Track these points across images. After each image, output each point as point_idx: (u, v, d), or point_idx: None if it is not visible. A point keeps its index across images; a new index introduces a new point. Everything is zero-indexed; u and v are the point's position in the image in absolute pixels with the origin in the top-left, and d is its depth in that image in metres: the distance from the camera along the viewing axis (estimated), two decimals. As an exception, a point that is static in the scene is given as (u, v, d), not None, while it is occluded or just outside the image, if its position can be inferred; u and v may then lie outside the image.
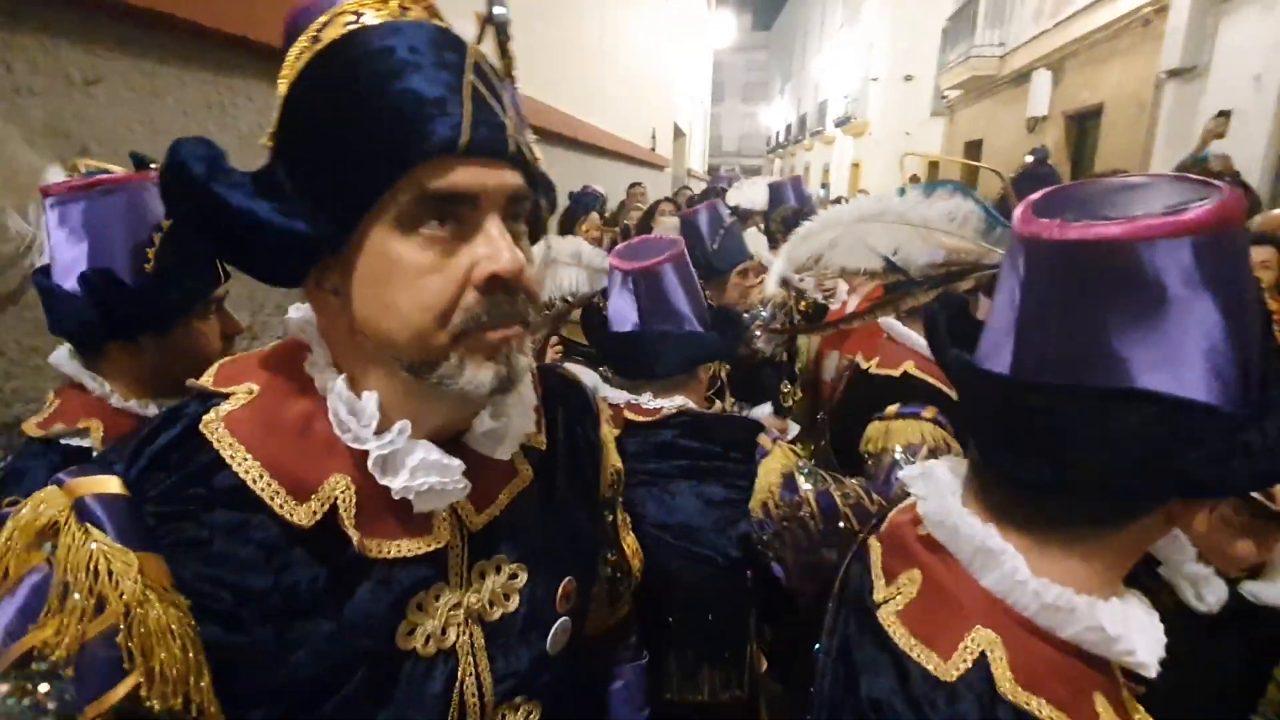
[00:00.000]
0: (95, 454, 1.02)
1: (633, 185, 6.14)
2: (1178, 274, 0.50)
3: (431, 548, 0.64)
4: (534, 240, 0.69)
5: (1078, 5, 8.82)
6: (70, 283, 1.05)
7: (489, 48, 0.64)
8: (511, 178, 0.60)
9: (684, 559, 1.24)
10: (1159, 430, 0.52)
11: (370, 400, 0.61)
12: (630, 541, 1.03)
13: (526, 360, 0.64)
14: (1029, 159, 3.38)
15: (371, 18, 0.58)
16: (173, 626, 0.53)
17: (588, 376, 1.41)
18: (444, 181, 0.56)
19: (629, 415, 1.34)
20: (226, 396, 0.61)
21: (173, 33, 1.73)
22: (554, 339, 2.05)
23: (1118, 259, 0.52)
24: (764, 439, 1.27)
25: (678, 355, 1.36)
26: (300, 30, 0.59)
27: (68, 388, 1.11)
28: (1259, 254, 2.49)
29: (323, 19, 0.59)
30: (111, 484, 0.55)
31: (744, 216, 3.50)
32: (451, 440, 0.67)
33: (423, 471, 0.61)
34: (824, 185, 21.81)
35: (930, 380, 1.56)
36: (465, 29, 0.64)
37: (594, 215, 3.93)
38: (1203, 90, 6.63)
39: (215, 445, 0.58)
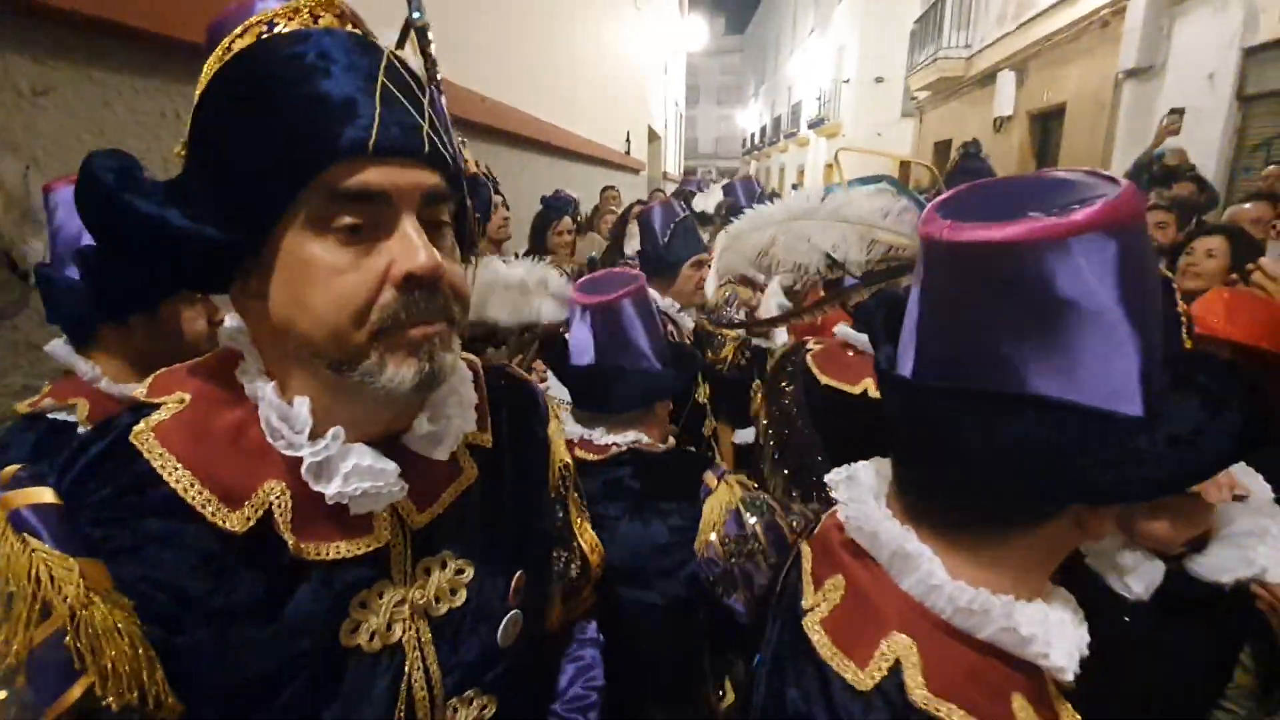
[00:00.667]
0: (78, 430, 1.10)
1: (606, 189, 6.15)
2: (1065, 276, 0.49)
3: (371, 548, 0.65)
4: (465, 239, 0.69)
5: (1039, 7, 9.02)
6: (68, 269, 1.13)
7: (412, 53, 0.65)
8: (426, 177, 0.60)
9: (630, 602, 1.24)
10: (1050, 436, 0.51)
11: (302, 406, 0.62)
12: (589, 537, 1.03)
13: (453, 357, 0.64)
14: (957, 154, 3.41)
15: (281, 27, 0.59)
16: (119, 625, 0.53)
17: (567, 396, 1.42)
18: (354, 180, 0.56)
19: (579, 453, 1.33)
20: (156, 406, 0.62)
21: (123, 41, 1.71)
22: (538, 362, 2.04)
23: (1005, 261, 0.51)
24: (709, 476, 1.27)
25: (633, 391, 1.35)
26: (217, 43, 0.60)
27: (61, 378, 1.19)
28: (1208, 242, 2.55)
29: (237, 30, 0.59)
30: (45, 494, 0.56)
31: (705, 220, 3.53)
32: (391, 440, 0.67)
33: (356, 477, 0.61)
34: (795, 185, 22.02)
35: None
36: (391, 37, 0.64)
37: (566, 219, 3.94)
38: (1159, 89, 6.81)
39: (146, 456, 0.59)
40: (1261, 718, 1.11)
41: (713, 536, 1.20)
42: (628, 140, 10.20)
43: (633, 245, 2.71)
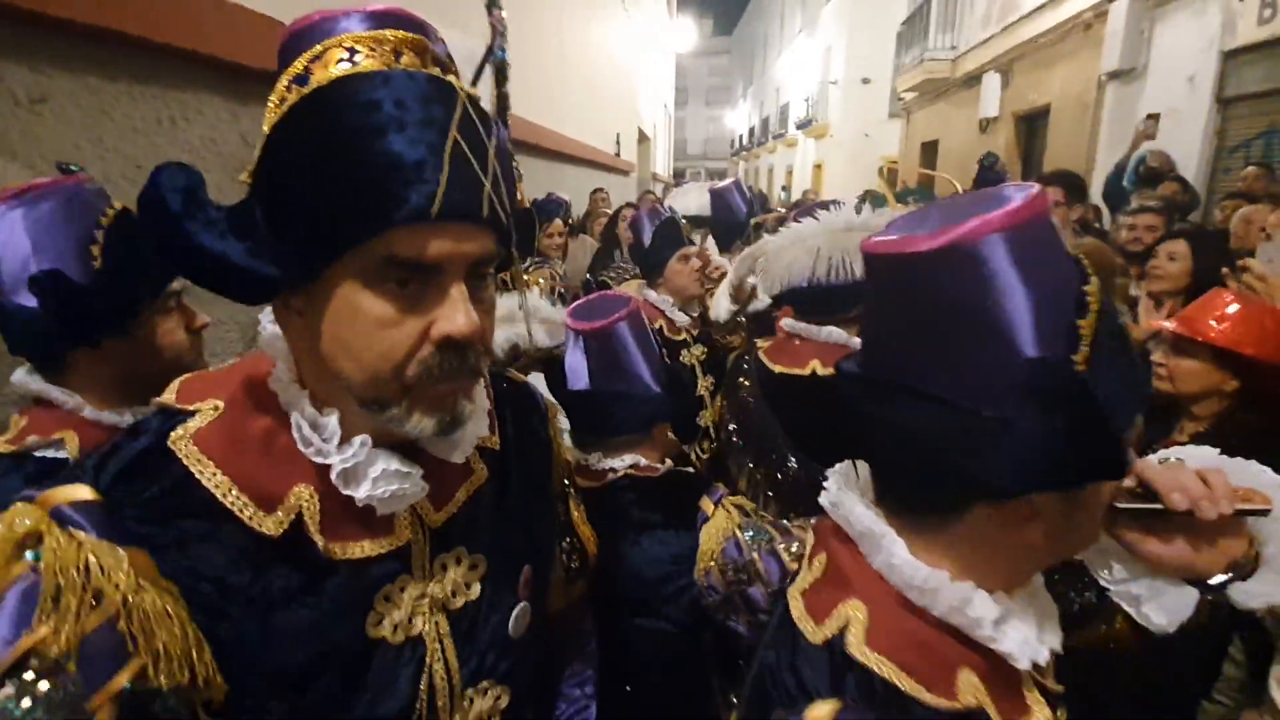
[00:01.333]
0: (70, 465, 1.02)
1: (595, 191, 6.18)
2: (946, 282, 0.56)
3: (394, 546, 0.68)
4: (506, 269, 0.72)
5: (1023, 10, 9.13)
6: (20, 296, 1.02)
7: (485, 85, 0.66)
8: (480, 244, 0.62)
9: (635, 629, 1.25)
10: (933, 428, 0.58)
11: (332, 418, 0.64)
12: (586, 530, 1.06)
13: (473, 406, 0.67)
14: (979, 165, 3.52)
15: (363, 59, 0.58)
16: (168, 608, 0.55)
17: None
18: (412, 250, 0.58)
19: (578, 480, 1.32)
20: (191, 413, 0.64)
21: (120, 49, 1.71)
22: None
23: (903, 271, 0.59)
24: (705, 502, 1.27)
25: (630, 415, 1.36)
26: (292, 56, 0.60)
27: (32, 406, 1.09)
28: (1170, 246, 2.60)
29: (316, 50, 0.59)
30: (83, 491, 0.58)
31: (697, 223, 3.57)
32: (411, 443, 0.70)
33: (384, 481, 0.65)
34: (784, 188, 22.13)
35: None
36: (454, 40, 0.65)
37: (557, 222, 3.96)
38: (1141, 90, 6.92)
39: (184, 461, 0.61)
40: (1248, 708, 1.12)
41: (711, 564, 1.20)
42: (618, 142, 10.23)
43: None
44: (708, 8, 37.73)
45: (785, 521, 1.24)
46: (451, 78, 0.62)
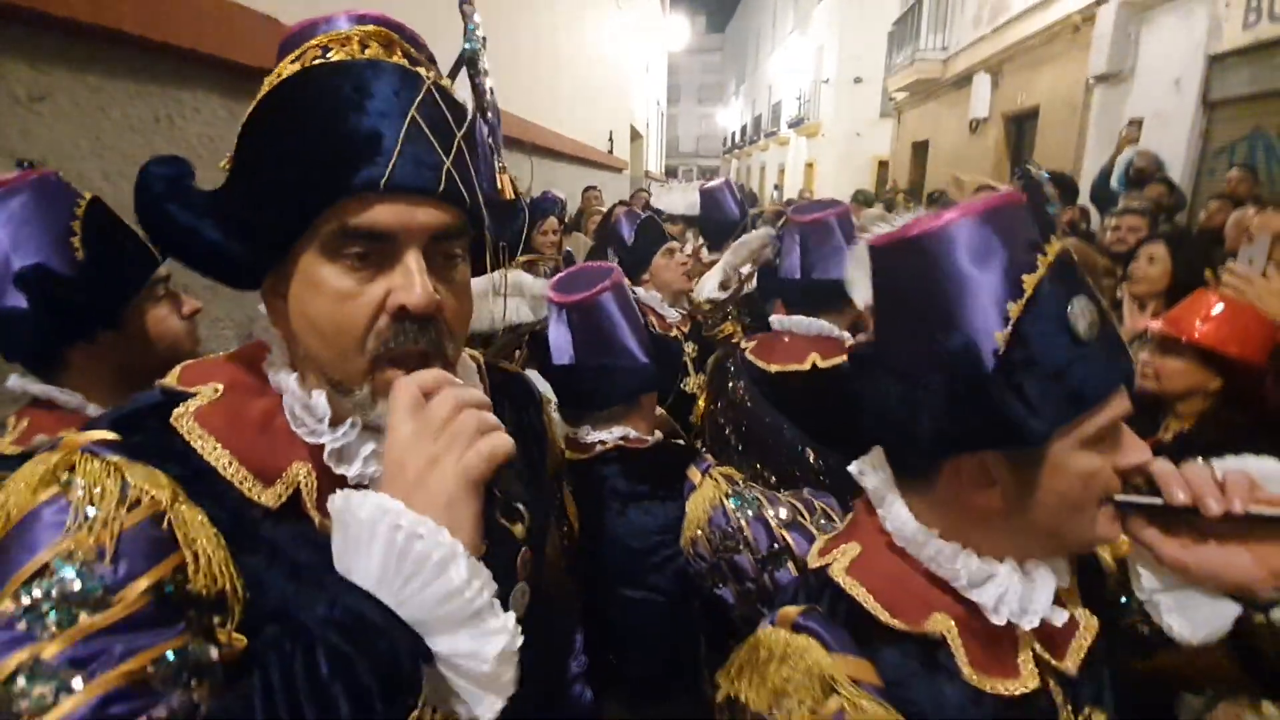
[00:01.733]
0: None
1: (587, 189, 6.18)
2: (910, 269, 0.69)
3: None
4: (480, 270, 0.74)
5: (1013, 11, 9.20)
6: (7, 298, 1.00)
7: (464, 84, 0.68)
8: (437, 216, 0.63)
9: (622, 599, 1.26)
10: (895, 397, 0.69)
11: (320, 398, 0.67)
12: (572, 509, 1.10)
13: None
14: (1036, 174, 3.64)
15: (334, 55, 0.63)
16: (201, 519, 0.58)
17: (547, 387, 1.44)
18: (363, 219, 0.61)
19: (566, 453, 1.33)
20: (192, 394, 0.66)
21: (120, 47, 1.72)
22: (520, 354, 2.09)
23: (883, 257, 0.72)
24: (693, 471, 1.28)
25: (617, 387, 1.34)
26: (282, 59, 0.65)
27: (30, 408, 1.08)
28: (1150, 249, 2.62)
29: (293, 55, 0.64)
30: (105, 434, 0.60)
31: (685, 223, 3.60)
32: None
33: (375, 460, 0.67)
34: (776, 186, 22.18)
35: (836, 362, 1.62)
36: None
37: (551, 219, 3.97)
38: (1128, 93, 6.99)
39: (186, 436, 0.63)
40: (1225, 700, 1.16)
41: (698, 533, 1.21)
42: (610, 139, 10.23)
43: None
44: (700, 5, 37.74)
45: (777, 493, 1.25)
46: (420, 69, 0.65)
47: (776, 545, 1.16)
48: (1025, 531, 0.70)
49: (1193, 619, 0.74)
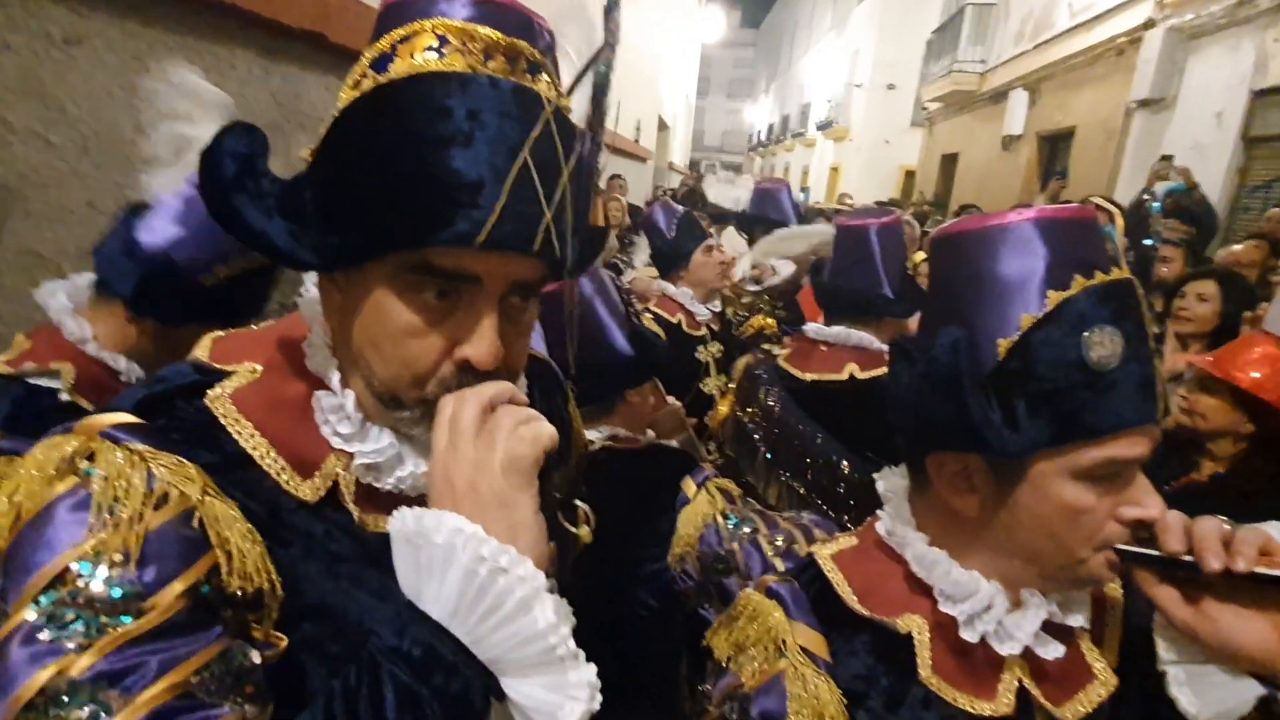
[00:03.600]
0: (64, 397, 1.03)
1: (612, 177, 6.14)
2: (937, 267, 0.76)
3: None
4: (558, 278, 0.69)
5: (1057, 29, 9.06)
6: (146, 236, 1.07)
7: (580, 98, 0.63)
8: (526, 270, 0.60)
9: (599, 610, 1.22)
10: (902, 383, 0.70)
11: (349, 399, 0.62)
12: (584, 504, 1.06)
13: None
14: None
15: (449, 54, 0.56)
16: (233, 513, 0.54)
17: None
18: (448, 261, 0.56)
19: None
20: (228, 373, 0.62)
21: (159, -4, 1.69)
22: None
23: (930, 254, 0.78)
24: (688, 483, 1.20)
25: (596, 386, 1.23)
26: (386, 29, 0.58)
27: (42, 329, 1.10)
28: (1199, 286, 2.51)
29: (405, 30, 0.57)
30: (127, 416, 0.56)
31: (721, 219, 3.52)
32: None
33: (410, 479, 0.64)
34: (804, 189, 21.97)
35: (876, 374, 1.59)
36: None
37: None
38: (1168, 121, 6.88)
39: (222, 419, 0.59)
40: None
41: (688, 550, 1.15)
42: (637, 128, 10.16)
43: (640, 257, 2.73)
44: (737, -1, 37.38)
45: (776, 513, 1.20)
46: (542, 85, 0.59)
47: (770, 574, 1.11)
48: (1006, 551, 0.69)
49: (1205, 696, 0.67)
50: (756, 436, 1.74)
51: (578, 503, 0.79)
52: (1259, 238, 3.93)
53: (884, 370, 1.55)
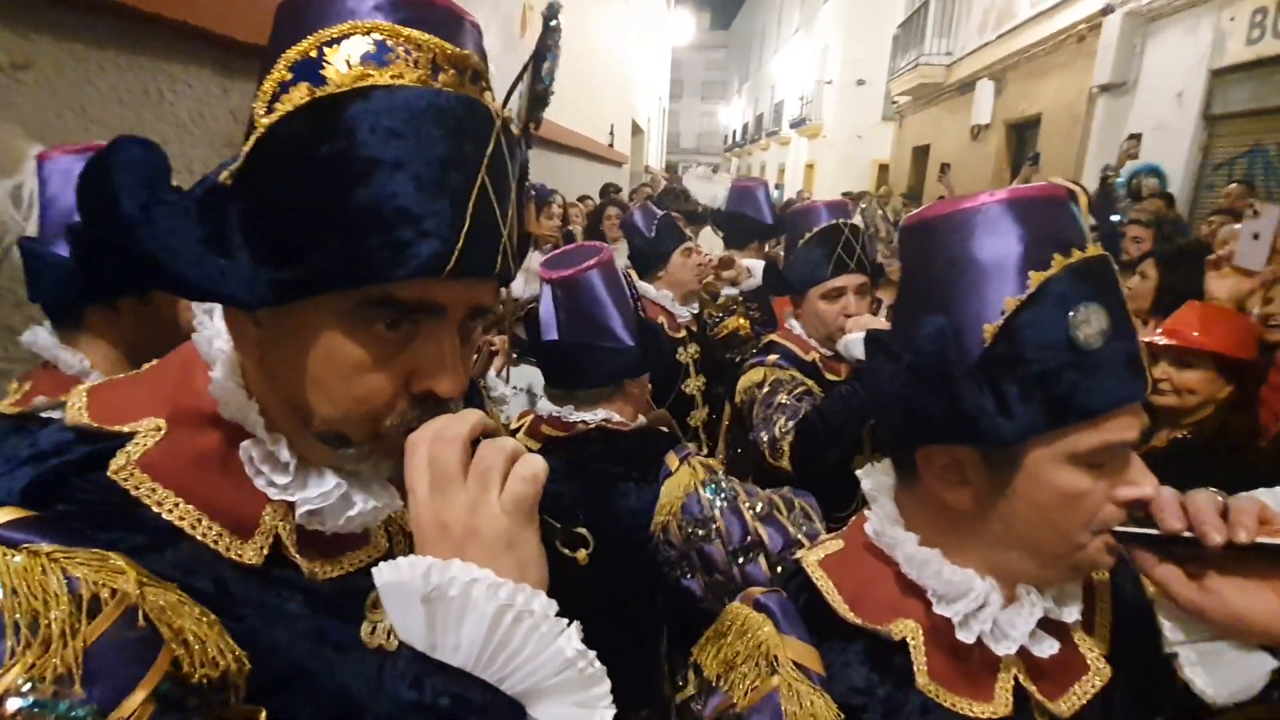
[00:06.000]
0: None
1: (609, 198, 6.12)
2: (908, 255, 0.73)
3: (374, 556, 0.65)
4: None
5: (1019, 19, 9.19)
6: (57, 245, 1.05)
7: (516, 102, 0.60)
8: (485, 294, 0.58)
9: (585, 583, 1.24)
10: (885, 376, 0.69)
11: (282, 447, 0.57)
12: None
13: None
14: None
15: (396, 62, 0.50)
16: (178, 598, 0.49)
17: (537, 377, 1.41)
18: (414, 294, 0.52)
19: (547, 429, 1.33)
20: (128, 436, 0.55)
21: (108, 16, 1.67)
22: (503, 337, 2.06)
23: (901, 243, 0.76)
24: (671, 457, 1.25)
25: (600, 368, 1.32)
26: (297, 28, 0.51)
27: (38, 370, 1.10)
28: (1144, 266, 2.69)
29: (333, 31, 0.50)
30: (14, 511, 0.47)
31: (696, 219, 3.53)
32: None
33: (359, 518, 0.61)
34: (778, 186, 22.12)
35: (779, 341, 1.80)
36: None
37: (555, 204, 3.95)
38: (1130, 104, 7.00)
39: (135, 493, 0.52)
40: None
41: (669, 518, 1.19)
42: (611, 133, 10.17)
43: (619, 260, 2.74)
44: (705, 2, 37.57)
45: (755, 487, 1.23)
46: (487, 97, 0.55)
47: (750, 538, 1.14)
48: (1003, 544, 0.67)
49: (1218, 675, 0.66)
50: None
51: (581, 531, 0.78)
52: (1221, 213, 4.00)
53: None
